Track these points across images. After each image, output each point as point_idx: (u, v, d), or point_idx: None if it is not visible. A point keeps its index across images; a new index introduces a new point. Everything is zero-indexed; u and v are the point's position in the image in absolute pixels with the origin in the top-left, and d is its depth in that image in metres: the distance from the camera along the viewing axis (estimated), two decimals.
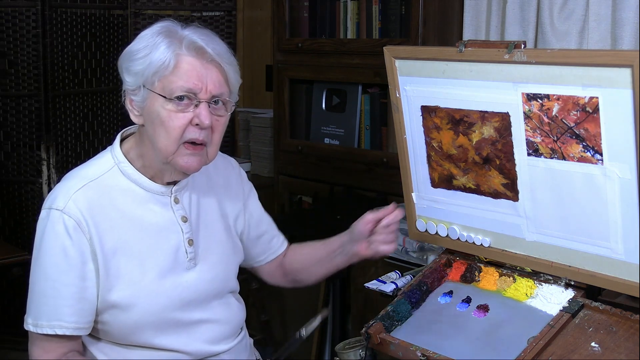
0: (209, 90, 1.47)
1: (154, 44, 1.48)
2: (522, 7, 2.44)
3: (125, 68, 1.52)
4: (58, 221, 1.48)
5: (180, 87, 1.45)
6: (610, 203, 1.45)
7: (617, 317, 1.44)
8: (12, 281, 3.40)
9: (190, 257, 1.58)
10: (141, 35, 1.52)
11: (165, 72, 1.46)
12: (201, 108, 1.46)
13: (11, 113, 3.34)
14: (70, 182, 1.53)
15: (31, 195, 3.40)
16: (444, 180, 1.74)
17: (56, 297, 1.48)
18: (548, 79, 1.45)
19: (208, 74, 1.47)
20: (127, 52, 1.53)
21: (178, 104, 1.46)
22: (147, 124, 1.51)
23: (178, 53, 1.46)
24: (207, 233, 1.64)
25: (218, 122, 1.51)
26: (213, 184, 1.69)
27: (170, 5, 3.63)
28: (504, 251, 1.68)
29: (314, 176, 3.07)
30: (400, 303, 1.67)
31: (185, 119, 1.46)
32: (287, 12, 3.10)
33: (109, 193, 1.53)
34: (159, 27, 1.52)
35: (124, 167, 1.55)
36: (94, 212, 1.50)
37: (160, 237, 1.56)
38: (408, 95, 1.71)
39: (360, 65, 2.84)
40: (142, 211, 1.55)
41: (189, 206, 1.61)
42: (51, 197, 1.52)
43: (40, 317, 1.49)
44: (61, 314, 1.48)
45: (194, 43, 1.47)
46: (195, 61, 1.47)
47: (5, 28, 3.28)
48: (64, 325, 1.48)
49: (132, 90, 1.51)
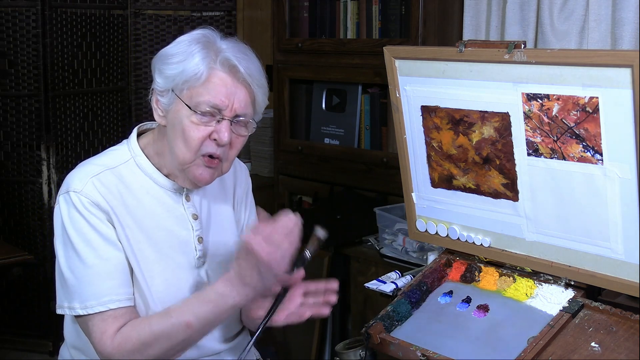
0: (235, 108, 1.48)
1: (190, 52, 1.48)
2: (522, 7, 2.44)
3: (158, 69, 1.52)
4: (78, 202, 1.48)
5: (207, 102, 1.46)
6: (610, 203, 1.45)
7: (617, 317, 1.44)
8: (12, 281, 3.41)
9: (199, 255, 1.59)
10: (179, 40, 1.52)
11: (196, 83, 1.47)
12: (222, 125, 1.48)
13: (11, 113, 3.34)
14: (86, 168, 1.54)
15: (31, 195, 3.40)
16: (444, 180, 1.74)
17: (98, 274, 1.46)
18: (548, 79, 1.45)
19: (236, 93, 1.48)
20: (162, 54, 1.53)
21: (201, 118, 1.47)
22: (169, 128, 1.52)
23: (212, 67, 1.47)
24: (216, 233, 1.64)
25: (237, 140, 1.53)
26: (225, 185, 1.70)
27: (170, 5, 3.62)
28: (504, 251, 1.68)
29: (314, 176, 3.07)
30: (400, 303, 1.67)
31: (205, 132, 1.48)
32: (287, 12, 3.10)
33: (125, 182, 1.54)
34: (197, 35, 1.52)
35: (140, 161, 1.56)
36: (112, 196, 1.50)
37: (172, 232, 1.57)
38: (408, 95, 1.71)
39: (360, 65, 2.84)
40: (155, 204, 1.56)
41: (199, 205, 1.62)
42: (67, 183, 1.52)
43: (87, 298, 1.46)
44: (109, 288, 1.46)
45: (228, 60, 1.48)
46: (226, 78, 1.48)
47: (5, 28, 3.28)
48: (115, 298, 1.46)
49: (161, 91, 1.52)
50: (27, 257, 2.92)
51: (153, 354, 1.44)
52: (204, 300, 1.43)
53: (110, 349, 1.44)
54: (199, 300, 1.44)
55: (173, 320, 1.43)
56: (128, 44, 3.61)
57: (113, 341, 1.44)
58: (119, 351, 1.43)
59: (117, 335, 1.44)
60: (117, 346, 1.44)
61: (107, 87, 3.56)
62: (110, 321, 1.46)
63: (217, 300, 1.42)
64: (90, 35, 3.46)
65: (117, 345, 1.44)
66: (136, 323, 1.46)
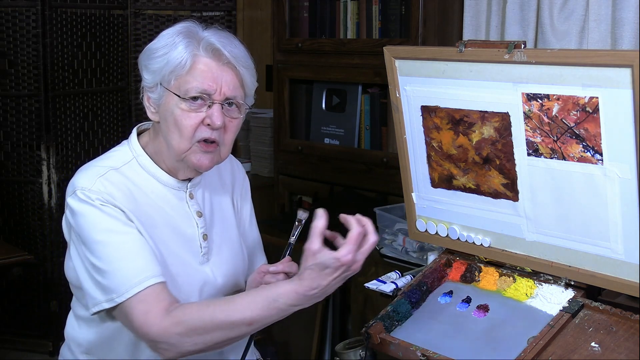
0: (223, 92, 1.49)
1: (173, 43, 1.50)
2: (522, 7, 2.44)
3: (144, 65, 1.54)
4: (86, 197, 1.47)
5: (195, 88, 1.48)
6: (610, 203, 1.45)
7: (617, 317, 1.44)
8: (12, 281, 3.41)
9: (204, 252, 1.60)
10: (162, 34, 1.54)
11: (182, 71, 1.48)
12: (214, 109, 1.49)
13: (11, 113, 3.35)
14: (91, 169, 1.54)
15: (31, 195, 3.40)
16: (444, 180, 1.74)
17: (125, 258, 1.44)
18: (548, 79, 1.45)
19: (223, 76, 1.49)
20: (147, 50, 1.54)
21: (192, 104, 1.48)
22: (162, 122, 1.53)
23: (195, 54, 1.49)
24: (220, 229, 1.65)
25: (231, 123, 1.53)
26: (224, 182, 1.71)
27: (170, 5, 3.63)
28: (504, 251, 1.68)
29: (314, 176, 3.07)
30: (400, 303, 1.67)
31: (197, 119, 1.49)
32: (287, 12, 3.10)
33: (131, 182, 1.54)
34: (179, 27, 1.53)
35: (142, 160, 1.57)
36: (121, 194, 1.50)
37: (178, 229, 1.57)
38: (408, 95, 1.71)
39: (360, 65, 2.84)
40: (161, 203, 1.56)
41: (202, 202, 1.63)
42: (72, 185, 1.51)
43: (121, 283, 1.42)
44: (139, 268, 1.43)
45: (211, 45, 1.49)
46: (211, 63, 1.49)
47: (5, 28, 3.28)
48: (149, 275, 1.43)
49: (150, 87, 1.53)
50: (27, 257, 2.92)
51: (208, 341, 1.39)
52: (272, 307, 1.36)
53: (158, 328, 1.39)
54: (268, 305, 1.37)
55: (238, 315, 1.37)
56: (128, 44, 3.61)
57: (163, 321, 1.39)
58: (168, 331, 1.39)
59: (167, 317, 1.39)
60: (167, 327, 1.38)
61: (107, 87, 3.56)
62: (150, 300, 1.42)
63: (285, 310, 1.37)
64: (90, 35, 3.47)
65: (167, 326, 1.39)
66: (192, 307, 1.42)
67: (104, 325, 1.55)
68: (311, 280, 1.34)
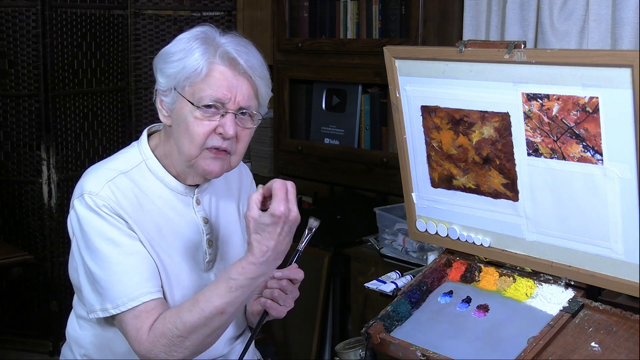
0: (237, 101, 1.48)
1: (190, 49, 1.48)
2: (522, 7, 2.44)
3: (160, 69, 1.52)
4: (93, 203, 1.47)
5: (209, 96, 1.46)
6: (610, 203, 1.45)
7: (617, 317, 1.44)
8: (12, 281, 3.41)
9: (209, 259, 1.59)
10: (179, 38, 1.53)
11: (197, 79, 1.47)
12: (227, 118, 1.47)
13: (11, 113, 3.35)
14: (100, 172, 1.53)
15: (31, 195, 3.40)
16: (444, 180, 1.74)
17: (125, 271, 1.45)
18: (548, 79, 1.45)
19: (238, 86, 1.48)
20: (163, 53, 1.53)
21: (205, 112, 1.47)
22: (174, 126, 1.52)
23: (211, 61, 1.47)
24: (225, 236, 1.64)
25: (244, 133, 1.52)
26: (230, 187, 1.70)
27: (170, 5, 3.63)
28: (504, 251, 1.68)
29: (314, 176, 3.07)
30: (400, 303, 1.67)
31: (209, 127, 1.48)
32: (287, 12, 3.10)
33: (139, 187, 1.53)
34: (197, 32, 1.52)
35: (151, 164, 1.56)
36: (127, 202, 1.49)
37: (184, 235, 1.57)
38: (408, 95, 1.71)
39: (360, 65, 2.84)
40: (167, 208, 1.56)
41: (209, 208, 1.62)
42: (80, 187, 1.51)
43: (118, 296, 1.44)
44: (138, 283, 1.45)
45: (228, 53, 1.47)
46: (227, 71, 1.47)
47: (5, 28, 3.28)
48: (145, 291, 1.44)
49: (164, 91, 1.52)
50: (27, 257, 2.92)
51: (191, 344, 1.41)
52: (233, 287, 1.39)
53: (147, 344, 1.41)
54: (229, 287, 1.39)
55: (206, 309, 1.39)
56: (128, 44, 3.61)
57: (148, 337, 1.42)
58: (155, 346, 1.41)
59: (151, 332, 1.42)
60: (152, 342, 1.41)
61: (107, 87, 3.56)
62: (143, 317, 1.44)
63: (249, 286, 1.39)
64: (90, 35, 3.47)
65: (152, 341, 1.41)
66: (167, 317, 1.43)
67: (105, 326, 1.55)
68: (259, 245, 1.36)
